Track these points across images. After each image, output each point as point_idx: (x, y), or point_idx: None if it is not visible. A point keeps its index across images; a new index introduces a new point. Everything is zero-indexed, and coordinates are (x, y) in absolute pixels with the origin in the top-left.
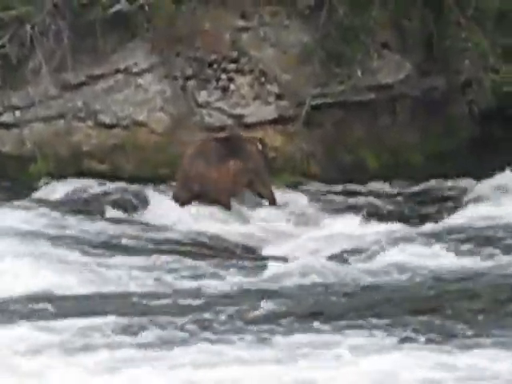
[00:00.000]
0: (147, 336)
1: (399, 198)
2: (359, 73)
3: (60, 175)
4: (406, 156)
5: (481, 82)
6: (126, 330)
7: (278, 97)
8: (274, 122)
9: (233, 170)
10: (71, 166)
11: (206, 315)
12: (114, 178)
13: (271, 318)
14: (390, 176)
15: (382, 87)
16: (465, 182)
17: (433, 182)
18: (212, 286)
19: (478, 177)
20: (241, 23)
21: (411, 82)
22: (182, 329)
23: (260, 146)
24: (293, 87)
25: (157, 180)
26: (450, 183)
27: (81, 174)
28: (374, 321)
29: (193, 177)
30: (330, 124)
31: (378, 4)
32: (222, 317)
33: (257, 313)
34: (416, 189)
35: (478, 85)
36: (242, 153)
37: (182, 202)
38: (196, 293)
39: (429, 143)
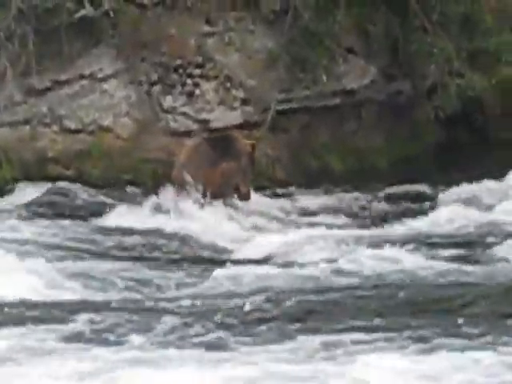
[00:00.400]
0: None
1: (364, 202)
2: (324, 78)
3: (25, 180)
4: (372, 160)
5: (446, 86)
6: None
7: (244, 102)
8: (239, 127)
9: (225, 172)
10: (36, 171)
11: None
12: (79, 183)
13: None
14: (355, 180)
15: (347, 92)
16: (429, 187)
17: (398, 186)
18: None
19: (444, 181)
20: (206, 28)
21: (376, 87)
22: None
23: (250, 148)
24: (258, 92)
25: (122, 185)
26: (415, 187)
27: (46, 179)
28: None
29: (187, 176)
30: (295, 129)
31: (342, 9)
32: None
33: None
34: (381, 193)
35: (444, 89)
36: (235, 153)
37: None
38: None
39: (394, 147)
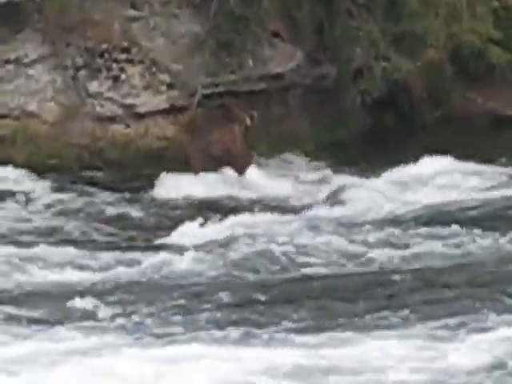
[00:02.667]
0: None
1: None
2: (250, 62)
3: None
4: (298, 145)
5: (372, 70)
6: None
7: (170, 86)
8: (165, 111)
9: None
10: None
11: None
12: (4, 167)
13: None
14: (281, 166)
15: (273, 77)
16: (353, 170)
17: (326, 171)
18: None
19: (371, 165)
20: (131, 13)
21: (302, 71)
22: None
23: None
24: (184, 77)
25: (48, 170)
26: (341, 171)
27: None
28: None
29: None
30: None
31: None
32: None
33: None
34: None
35: (369, 73)
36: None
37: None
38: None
39: (321, 132)
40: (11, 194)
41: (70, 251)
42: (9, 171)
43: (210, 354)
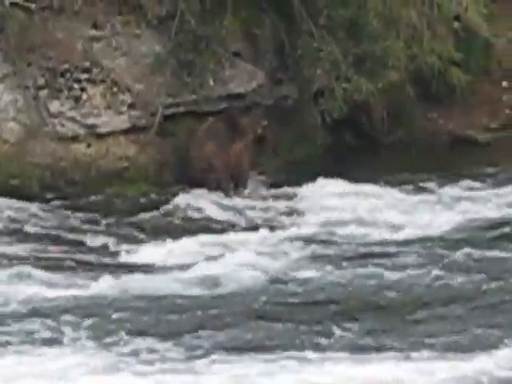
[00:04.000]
0: None
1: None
2: (211, 82)
3: None
4: (259, 164)
5: (333, 90)
6: None
7: (131, 106)
8: (126, 131)
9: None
10: None
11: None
12: None
13: None
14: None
15: (234, 96)
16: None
17: (285, 189)
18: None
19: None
20: (93, 33)
21: (263, 91)
22: None
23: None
24: (145, 97)
25: (9, 190)
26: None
27: None
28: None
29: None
30: (182, 133)
31: (229, 13)
32: None
33: None
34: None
35: (330, 93)
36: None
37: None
38: None
39: (282, 152)
40: None
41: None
42: None
43: None
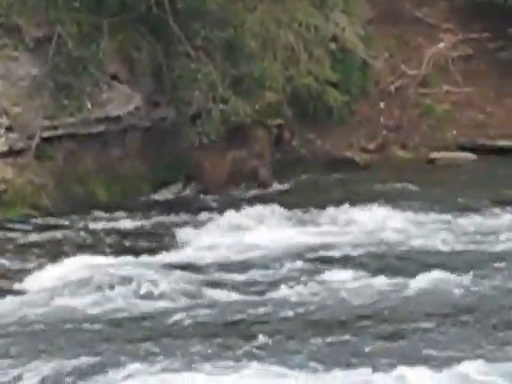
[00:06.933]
0: None
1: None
2: (89, 105)
3: None
4: (137, 186)
5: (210, 112)
6: None
7: (8, 129)
8: (4, 154)
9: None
10: None
11: None
12: None
13: None
14: (121, 207)
15: (111, 119)
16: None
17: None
18: None
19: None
20: None
21: (141, 114)
22: None
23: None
24: (23, 119)
25: None
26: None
27: None
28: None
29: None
30: (60, 156)
31: (106, 36)
32: None
33: None
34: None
35: (207, 115)
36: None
37: None
38: None
39: (158, 173)
40: None
41: None
42: None
43: None
